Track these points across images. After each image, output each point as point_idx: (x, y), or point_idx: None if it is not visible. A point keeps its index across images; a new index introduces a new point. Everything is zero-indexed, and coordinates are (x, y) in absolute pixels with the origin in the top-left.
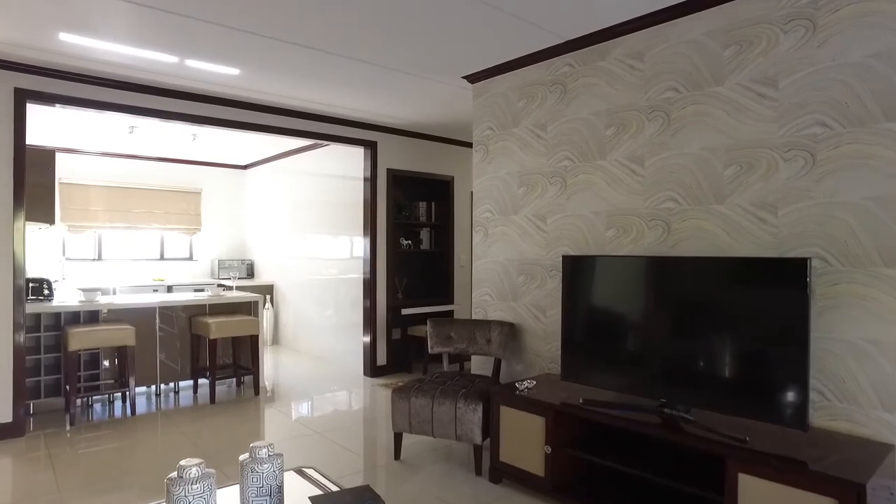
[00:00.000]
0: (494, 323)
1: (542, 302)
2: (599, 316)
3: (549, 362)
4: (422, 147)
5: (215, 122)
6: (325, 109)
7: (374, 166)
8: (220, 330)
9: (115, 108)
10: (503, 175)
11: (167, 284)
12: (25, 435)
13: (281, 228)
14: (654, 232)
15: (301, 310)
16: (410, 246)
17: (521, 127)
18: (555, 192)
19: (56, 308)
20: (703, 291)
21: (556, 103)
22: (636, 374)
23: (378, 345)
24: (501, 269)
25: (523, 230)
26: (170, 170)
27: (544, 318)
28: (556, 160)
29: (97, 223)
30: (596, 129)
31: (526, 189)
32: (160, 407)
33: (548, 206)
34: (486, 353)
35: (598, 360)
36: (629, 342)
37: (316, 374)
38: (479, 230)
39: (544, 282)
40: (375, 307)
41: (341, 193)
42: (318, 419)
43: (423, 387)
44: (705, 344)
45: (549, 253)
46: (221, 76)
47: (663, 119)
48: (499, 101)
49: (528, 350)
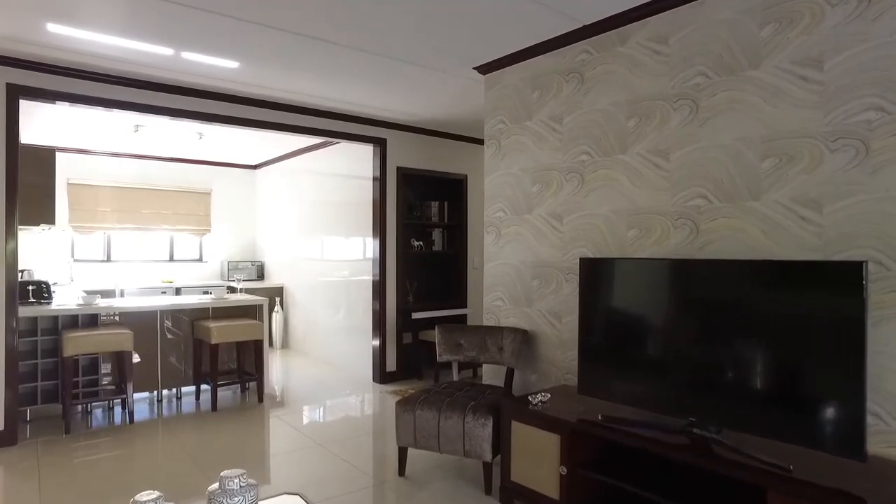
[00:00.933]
0: (507, 330)
1: (558, 308)
2: (620, 324)
3: (565, 373)
4: (433, 144)
5: (218, 118)
6: (331, 105)
7: (384, 164)
8: (221, 334)
9: (113, 104)
10: (516, 171)
11: (176, 286)
12: (19, 443)
13: (290, 229)
14: (680, 232)
15: (311, 313)
16: (422, 247)
17: (535, 120)
18: (571, 189)
19: (52, 311)
20: (739, 298)
21: (572, 94)
22: (661, 389)
23: (387, 350)
24: (514, 272)
25: (538, 230)
26: (179, 170)
27: (560, 325)
28: (573, 155)
29: (106, 224)
30: (616, 121)
31: (540, 186)
32: (161, 413)
33: (564, 205)
34: (498, 362)
35: (619, 372)
36: (653, 353)
37: (324, 380)
38: (490, 230)
39: (560, 286)
40: (385, 311)
41: (352, 193)
42: (322, 429)
43: (429, 398)
44: (740, 357)
45: (566, 255)
46: (220, 70)
47: (691, 108)
48: (511, 93)
49: (543, 359)
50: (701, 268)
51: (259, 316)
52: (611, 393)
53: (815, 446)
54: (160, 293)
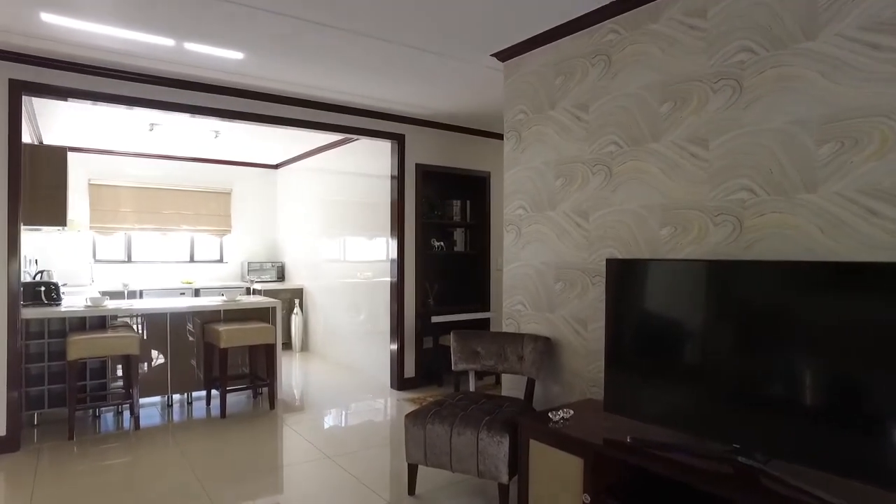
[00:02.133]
0: (528, 337)
1: (583, 313)
2: (653, 334)
3: (590, 385)
4: (454, 140)
5: (226, 114)
6: (344, 99)
7: (402, 161)
8: (231, 338)
9: (117, 99)
10: (538, 165)
11: (195, 287)
12: (22, 448)
13: (310, 229)
14: (721, 230)
15: (330, 315)
16: (443, 248)
17: (558, 108)
18: (598, 183)
19: (55, 313)
20: (792, 305)
21: (599, 78)
22: (700, 409)
23: (406, 355)
24: (536, 275)
25: (561, 229)
26: (199, 170)
27: (585, 333)
28: (600, 145)
29: (126, 225)
30: (648, 106)
31: (564, 180)
32: (171, 419)
33: (590, 200)
34: (518, 372)
35: (651, 388)
36: (691, 368)
37: (340, 386)
38: (510, 229)
39: (586, 290)
40: (403, 314)
41: (371, 192)
42: (332, 439)
43: (441, 412)
44: (794, 375)
45: (592, 255)
46: (224, 62)
47: (734, 89)
48: (532, 80)
49: (567, 369)
50: (747, 270)
51: (272, 319)
52: (641, 411)
53: (883, 485)
54: (179, 294)
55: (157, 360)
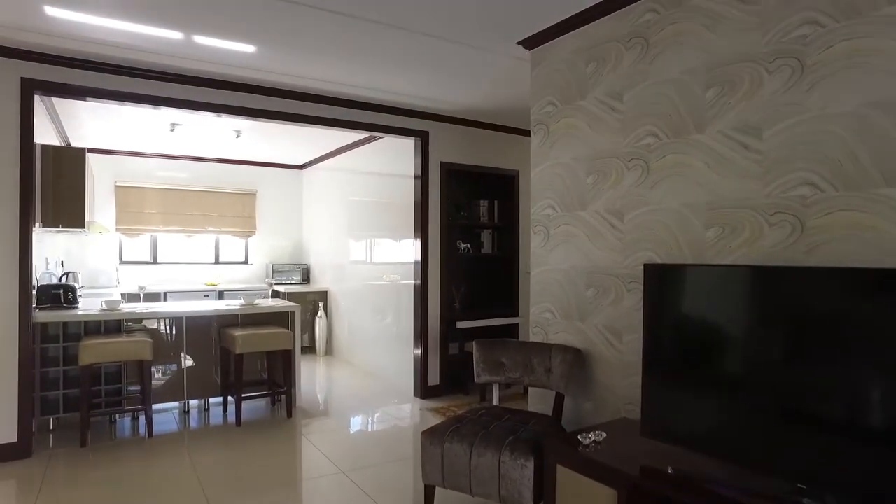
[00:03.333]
0: (556, 348)
1: (618, 323)
2: (698, 348)
3: (625, 402)
4: (481, 137)
5: (246, 112)
6: (365, 95)
7: (426, 159)
8: (246, 344)
9: (135, 98)
10: (568, 161)
11: (219, 290)
12: (34, 455)
13: (335, 231)
14: (778, 231)
15: (354, 319)
16: (469, 250)
17: (589, 98)
18: (634, 179)
19: (70, 317)
20: (869, 319)
21: (635, 63)
22: (757, 438)
23: (430, 362)
24: (565, 280)
25: (593, 230)
26: (224, 171)
27: (620, 345)
28: (636, 137)
29: (152, 226)
30: (691, 93)
31: (596, 177)
32: (188, 424)
33: (625, 199)
34: (546, 386)
35: (696, 411)
36: (743, 391)
37: (362, 393)
38: (538, 230)
39: (620, 297)
40: (427, 319)
41: (396, 192)
42: (349, 452)
43: (460, 429)
44: (878, 403)
45: (627, 259)
46: (237, 56)
47: (793, 69)
48: (562, 69)
49: (599, 384)
50: (811, 278)
51: (291, 323)
52: (683, 437)
53: None
54: (202, 297)
55: (173, 365)
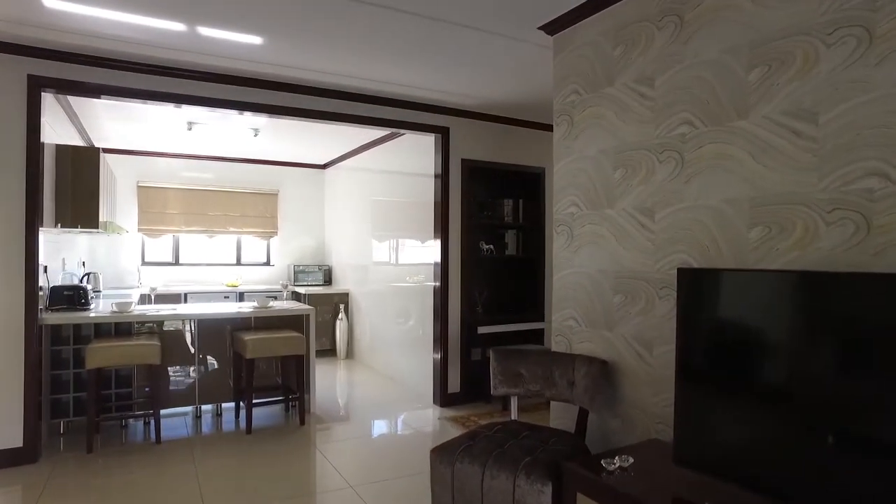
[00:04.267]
0: (580, 359)
1: (648, 333)
2: (739, 365)
3: (656, 421)
4: (504, 133)
5: (260, 108)
6: (381, 89)
7: (446, 156)
8: (257, 348)
9: (144, 95)
10: (593, 154)
11: (239, 291)
12: (40, 460)
13: (356, 231)
14: (837, 231)
15: (374, 321)
16: (492, 251)
17: (617, 85)
18: (667, 173)
19: (77, 319)
20: None
21: (668, 43)
22: (808, 470)
23: (450, 369)
24: (591, 285)
25: (621, 230)
26: (246, 171)
27: (650, 358)
28: (669, 126)
29: (173, 227)
30: (731, 75)
31: (625, 171)
32: (200, 430)
33: (656, 195)
34: (568, 400)
35: (737, 437)
36: (793, 415)
37: (380, 399)
38: (561, 230)
39: (651, 304)
40: (447, 323)
41: (417, 191)
42: (360, 464)
43: (472, 448)
44: None
45: (659, 262)
46: (243, 48)
47: (859, 40)
48: (587, 54)
49: (627, 400)
50: (881, 286)
51: (305, 327)
52: (722, 467)
53: None
54: (223, 298)
55: (185, 369)
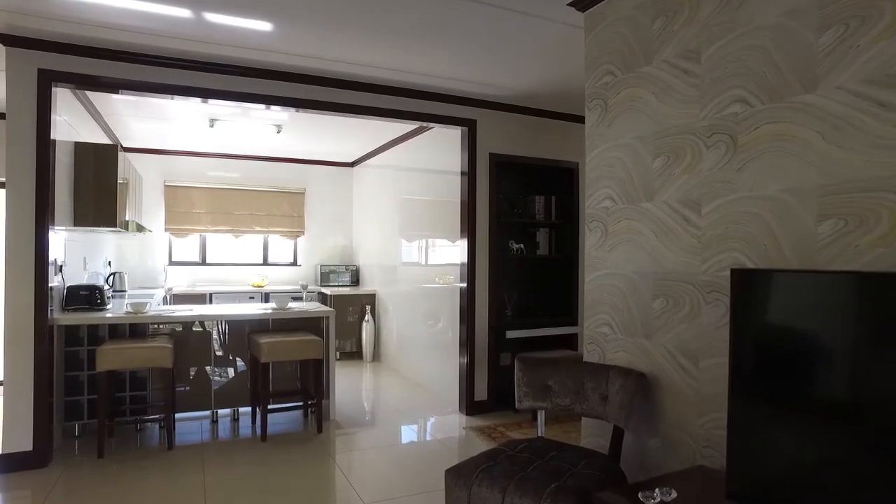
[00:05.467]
0: (615, 371)
1: (693, 343)
2: (810, 383)
3: (702, 444)
4: (534, 126)
5: (280, 101)
6: (403, 79)
7: (473, 151)
8: (272, 352)
9: (159, 88)
10: (629, 141)
11: (265, 291)
12: (49, 465)
13: (383, 231)
14: None
15: (401, 324)
16: (522, 251)
17: (657, 62)
18: (715, 159)
19: (88, 319)
20: None
21: (716, 11)
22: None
23: (477, 375)
24: (627, 287)
25: (662, 226)
26: (272, 169)
27: (696, 371)
28: (719, 105)
29: (200, 226)
30: (795, 41)
31: (666, 160)
32: (216, 436)
33: (703, 185)
34: (600, 416)
35: (806, 469)
36: (883, 448)
37: (404, 406)
38: (594, 227)
39: (696, 310)
40: (474, 327)
41: (445, 189)
42: (376, 478)
43: (492, 470)
44: None
45: (706, 263)
46: (252, 35)
47: None
48: (621, 30)
49: (668, 420)
50: None
51: (324, 330)
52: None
53: None
54: (248, 298)
55: (202, 372)
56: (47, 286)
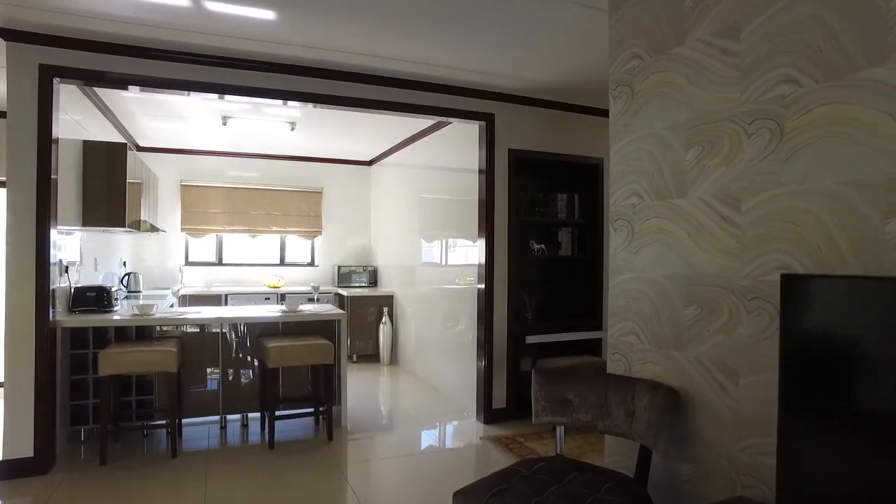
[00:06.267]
0: (642, 385)
1: (732, 357)
2: (875, 406)
3: (742, 472)
4: (556, 120)
5: (291, 95)
6: (417, 71)
7: (491, 146)
8: (279, 357)
9: (168, 84)
10: (659, 130)
11: (281, 292)
12: (51, 472)
13: (400, 231)
14: None
15: (418, 326)
16: (544, 251)
17: (689, 42)
18: (758, 149)
19: (92, 322)
20: None
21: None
22: None
23: (495, 381)
24: (656, 293)
25: (696, 224)
26: (289, 168)
27: (735, 389)
28: (763, 87)
29: (216, 226)
30: (859, 6)
31: (700, 150)
32: (225, 441)
33: (743, 178)
34: (626, 435)
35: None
36: None
37: (421, 412)
38: (619, 225)
39: (736, 319)
40: (492, 331)
41: (463, 187)
42: (383, 493)
43: (505, 493)
44: None
45: (747, 266)
46: (255, 24)
47: None
48: (650, 7)
49: (703, 442)
50: None
51: (335, 334)
52: None
53: None
54: (264, 299)
55: (209, 376)
56: (48, 287)
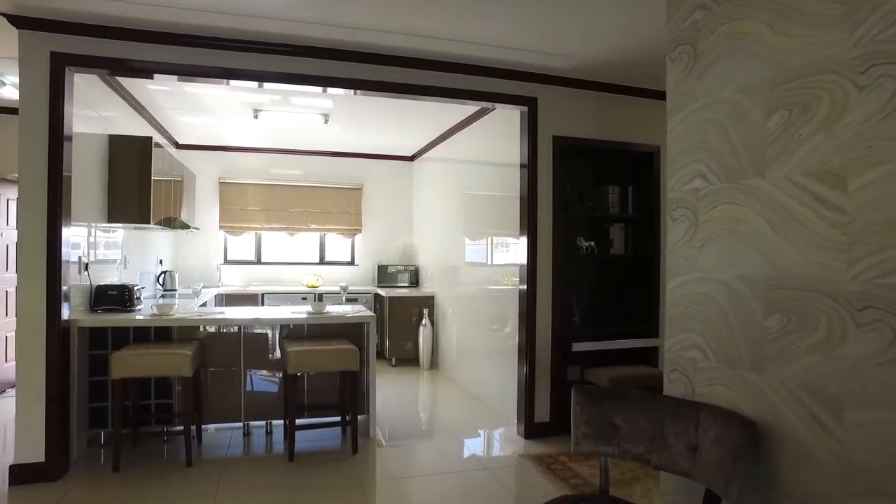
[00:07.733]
0: (709, 412)
1: (834, 385)
2: None
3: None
4: (606, 104)
5: (316, 80)
6: (449, 51)
7: (534, 133)
8: (300, 362)
9: (190, 71)
10: (730, 95)
11: (319, 292)
12: (64, 478)
13: (442, 229)
14: None
15: (459, 329)
16: (593, 249)
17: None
18: (874, 107)
19: (106, 322)
20: None
21: None
22: None
23: (537, 393)
24: (726, 298)
25: (781, 211)
26: (328, 164)
27: (838, 427)
28: (880, 24)
29: (255, 224)
30: None
31: (787, 115)
32: (248, 449)
33: (851, 148)
34: (686, 473)
35: None
36: None
37: (458, 424)
38: (679, 216)
39: (840, 334)
40: (534, 338)
41: (508, 182)
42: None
43: None
44: None
45: (856, 265)
46: (279, 2)
47: None
48: None
49: (792, 493)
50: None
51: (364, 339)
52: None
53: None
54: (301, 299)
55: (232, 379)
56: (59, 286)
